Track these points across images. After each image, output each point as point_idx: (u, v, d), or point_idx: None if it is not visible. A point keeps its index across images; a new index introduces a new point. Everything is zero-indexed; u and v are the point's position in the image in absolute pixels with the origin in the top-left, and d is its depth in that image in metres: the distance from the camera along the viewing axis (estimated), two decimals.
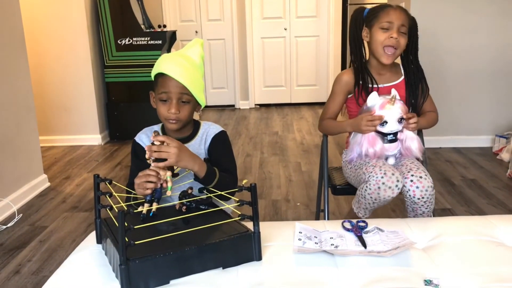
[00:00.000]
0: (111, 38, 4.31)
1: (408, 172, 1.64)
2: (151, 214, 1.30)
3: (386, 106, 1.65)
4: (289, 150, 4.05)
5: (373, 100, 1.69)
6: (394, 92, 1.69)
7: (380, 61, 1.78)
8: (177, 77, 1.41)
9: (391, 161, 1.75)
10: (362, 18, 1.83)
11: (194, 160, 1.37)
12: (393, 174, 1.60)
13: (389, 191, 1.60)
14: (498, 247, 1.29)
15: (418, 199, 1.61)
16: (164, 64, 1.44)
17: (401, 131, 1.70)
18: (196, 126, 1.59)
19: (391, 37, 1.72)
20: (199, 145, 1.56)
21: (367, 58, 1.87)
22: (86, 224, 2.62)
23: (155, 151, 1.31)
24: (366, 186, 1.64)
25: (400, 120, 1.66)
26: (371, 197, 1.65)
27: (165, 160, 1.32)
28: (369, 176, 1.63)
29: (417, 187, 1.60)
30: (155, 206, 1.32)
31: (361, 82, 1.81)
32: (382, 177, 1.59)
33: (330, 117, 1.89)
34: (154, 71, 1.47)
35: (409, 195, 1.62)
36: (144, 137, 1.57)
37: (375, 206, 1.71)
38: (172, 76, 1.41)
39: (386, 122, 1.66)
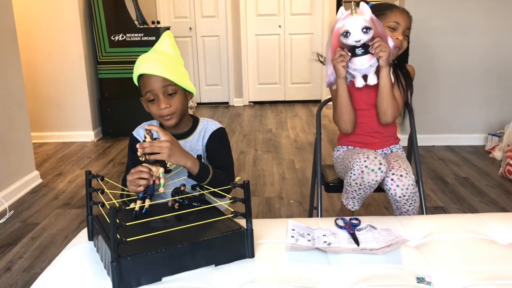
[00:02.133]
0: (104, 34, 4.29)
1: (390, 170, 1.64)
2: (143, 211, 1.30)
3: (346, 18, 1.59)
4: (282, 147, 4.05)
5: (340, 14, 1.62)
6: (362, 5, 1.61)
7: None
8: (154, 71, 1.41)
9: (372, 80, 1.67)
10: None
11: (186, 157, 1.36)
12: (375, 158, 1.60)
13: (372, 174, 1.60)
14: (490, 245, 1.30)
15: (400, 197, 1.62)
16: (140, 65, 1.44)
17: (372, 53, 1.62)
18: (194, 122, 1.59)
19: (397, 38, 1.75)
20: (197, 141, 1.55)
21: None
22: (78, 221, 2.60)
23: (147, 147, 1.30)
24: (351, 173, 1.65)
25: (365, 30, 1.57)
26: (356, 183, 1.66)
27: (157, 154, 1.31)
28: (353, 162, 1.64)
29: (398, 186, 1.61)
30: (147, 202, 1.32)
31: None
32: (365, 161, 1.60)
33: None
34: (135, 76, 1.48)
35: (391, 194, 1.63)
36: (142, 132, 1.57)
37: (361, 194, 1.70)
38: (149, 72, 1.41)
39: (349, 32, 1.58)
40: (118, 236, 1.04)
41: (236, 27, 5.90)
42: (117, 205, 1.05)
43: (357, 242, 1.29)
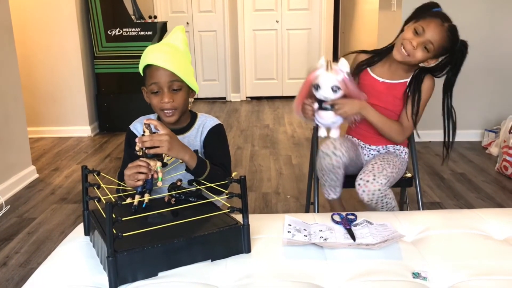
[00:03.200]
0: (101, 29, 4.27)
1: (359, 175, 1.67)
2: (144, 206, 1.29)
3: (320, 71, 1.60)
4: (280, 143, 4.05)
5: (320, 62, 1.63)
6: (342, 61, 1.60)
7: (393, 53, 1.72)
8: (163, 64, 1.39)
9: (334, 133, 1.68)
10: (420, 12, 1.73)
11: (184, 150, 1.36)
12: (331, 143, 1.65)
13: (327, 159, 1.66)
14: (486, 241, 1.30)
15: (367, 202, 1.65)
16: (149, 55, 1.42)
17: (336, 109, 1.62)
18: (193, 117, 1.58)
19: (411, 43, 1.64)
20: (195, 136, 1.55)
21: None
22: (75, 216, 2.60)
23: (146, 141, 1.29)
24: (316, 160, 1.72)
25: (335, 89, 1.58)
26: (318, 169, 1.72)
27: (157, 147, 1.30)
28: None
29: (363, 191, 1.63)
30: (147, 197, 1.31)
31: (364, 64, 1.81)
32: (322, 147, 1.67)
33: None
34: (141, 65, 1.46)
35: (361, 198, 1.66)
36: (139, 126, 1.56)
37: (328, 180, 1.74)
38: (158, 64, 1.39)
39: (319, 86, 1.60)
40: (114, 231, 1.03)
41: (233, 22, 5.88)
42: (113, 200, 1.05)
43: (353, 237, 1.29)
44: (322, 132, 1.70)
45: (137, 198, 1.30)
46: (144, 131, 1.31)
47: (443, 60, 1.73)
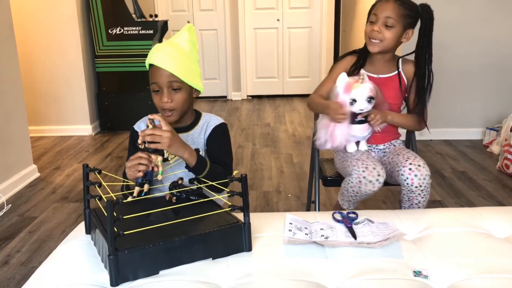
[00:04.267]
0: (101, 27, 4.27)
1: (406, 161, 1.64)
2: (143, 194, 1.30)
3: (355, 85, 1.65)
4: (281, 141, 4.05)
5: (341, 80, 1.68)
6: (362, 71, 1.71)
7: (368, 49, 1.78)
8: (162, 65, 1.41)
9: (363, 146, 1.74)
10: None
11: (184, 148, 1.37)
12: (374, 168, 1.60)
13: (369, 185, 1.61)
14: (487, 239, 1.30)
15: (416, 187, 1.61)
16: (152, 55, 1.44)
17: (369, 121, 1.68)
18: (197, 116, 1.59)
19: (373, 29, 1.72)
20: (199, 134, 1.55)
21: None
22: (76, 215, 2.60)
23: (148, 135, 1.31)
24: (349, 180, 1.66)
25: (369, 99, 1.65)
26: (353, 190, 1.67)
27: (158, 143, 1.31)
28: (352, 169, 1.64)
29: (416, 175, 1.60)
30: (146, 187, 1.32)
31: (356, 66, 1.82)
32: (363, 171, 1.60)
33: (321, 94, 1.86)
34: (146, 64, 1.48)
35: (407, 183, 1.62)
36: (143, 126, 1.57)
37: (357, 199, 1.72)
38: (157, 65, 1.41)
39: (355, 100, 1.65)
40: (115, 230, 1.03)
41: (234, 21, 5.88)
42: (114, 198, 1.05)
43: (354, 236, 1.29)
44: (351, 148, 1.74)
45: (136, 189, 1.31)
46: (147, 126, 1.32)
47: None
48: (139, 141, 1.34)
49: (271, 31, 5.99)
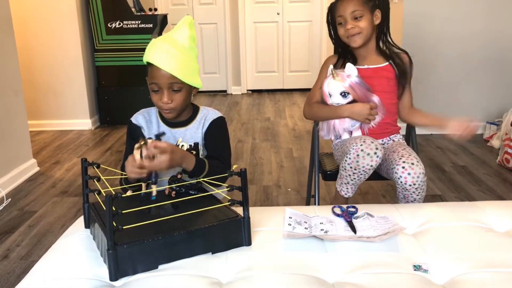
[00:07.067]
0: (101, 21, 4.25)
1: (400, 158, 1.63)
2: (153, 198, 1.30)
3: (330, 81, 1.74)
4: (280, 136, 4.05)
5: (328, 72, 1.77)
6: (331, 67, 1.77)
7: (353, 46, 1.83)
8: (163, 66, 1.37)
9: (357, 134, 1.80)
10: (331, 15, 1.88)
11: (181, 159, 1.36)
12: (372, 142, 1.60)
13: (367, 159, 1.59)
14: (487, 233, 1.30)
15: (410, 185, 1.61)
16: (151, 52, 1.40)
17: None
18: (195, 110, 1.58)
19: (347, 29, 1.77)
20: (197, 129, 1.55)
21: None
22: (75, 209, 2.60)
23: (146, 166, 1.29)
24: (347, 157, 1.65)
25: (343, 94, 1.73)
26: (350, 167, 1.65)
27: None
28: (350, 147, 1.64)
29: (409, 174, 1.60)
30: (154, 188, 1.31)
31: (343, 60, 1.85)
32: (361, 145, 1.60)
33: (318, 101, 1.88)
34: (145, 58, 1.44)
35: (401, 182, 1.61)
36: (140, 118, 1.56)
37: (355, 179, 1.69)
38: (159, 66, 1.38)
39: (330, 94, 1.76)
40: (114, 224, 1.03)
41: (234, 15, 5.85)
42: (113, 192, 1.05)
43: (354, 230, 1.29)
44: (345, 136, 1.81)
45: (143, 186, 1.31)
46: (140, 142, 1.29)
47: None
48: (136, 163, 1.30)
49: (271, 25, 5.97)
